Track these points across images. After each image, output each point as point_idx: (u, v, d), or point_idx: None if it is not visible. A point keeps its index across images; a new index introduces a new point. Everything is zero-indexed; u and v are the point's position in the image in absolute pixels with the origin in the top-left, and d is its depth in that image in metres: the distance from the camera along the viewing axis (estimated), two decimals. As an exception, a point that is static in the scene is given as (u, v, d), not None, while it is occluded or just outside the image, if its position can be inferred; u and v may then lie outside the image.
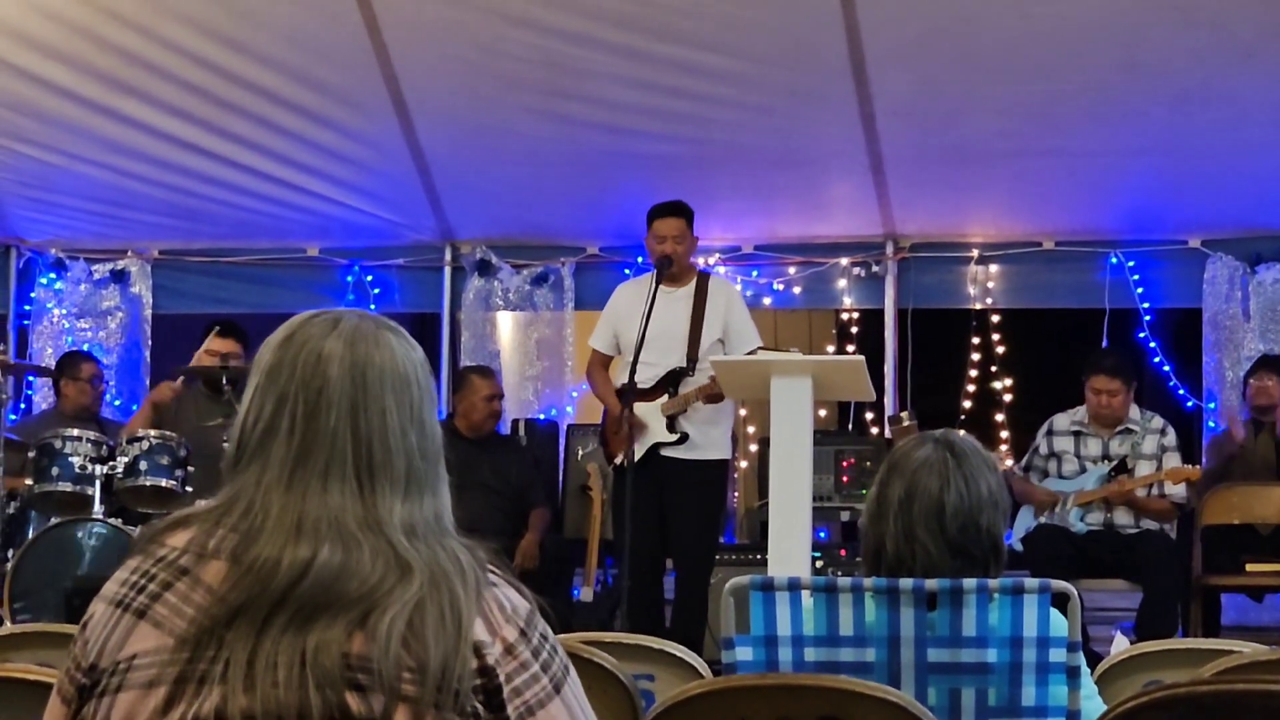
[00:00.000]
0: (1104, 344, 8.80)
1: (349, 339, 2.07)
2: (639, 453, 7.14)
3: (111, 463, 7.69)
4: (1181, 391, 8.98)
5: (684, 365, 7.26)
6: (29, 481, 7.76)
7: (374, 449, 2.03)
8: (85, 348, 9.37)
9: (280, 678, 1.92)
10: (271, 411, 2.04)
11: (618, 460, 7.24)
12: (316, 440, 2.02)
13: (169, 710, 1.93)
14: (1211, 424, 8.76)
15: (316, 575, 1.95)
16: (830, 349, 10.26)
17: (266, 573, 1.95)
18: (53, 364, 9.02)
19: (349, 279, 9.57)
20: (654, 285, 7.14)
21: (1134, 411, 7.91)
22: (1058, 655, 3.04)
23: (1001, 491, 3.20)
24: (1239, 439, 8.02)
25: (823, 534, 8.32)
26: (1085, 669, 3.12)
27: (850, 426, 9.52)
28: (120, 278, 9.72)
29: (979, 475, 3.15)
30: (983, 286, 9.11)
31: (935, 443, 3.20)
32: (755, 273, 9.26)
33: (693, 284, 7.39)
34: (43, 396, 9.55)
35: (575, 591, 8.22)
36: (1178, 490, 7.74)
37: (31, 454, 7.76)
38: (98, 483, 7.67)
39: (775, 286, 9.27)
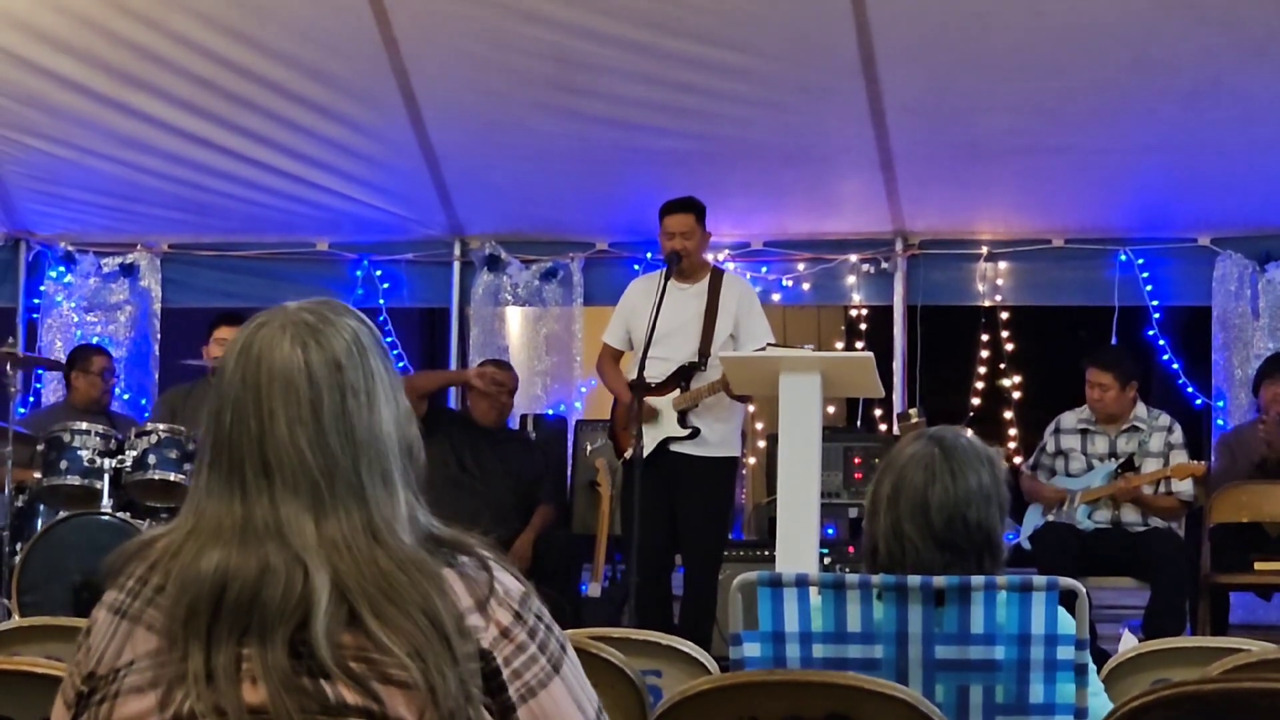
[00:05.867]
0: (1113, 341, 8.79)
1: (247, 341, 2.04)
2: (650, 446, 7.14)
3: (120, 456, 7.70)
4: (1190, 389, 8.96)
5: (696, 360, 7.27)
6: (37, 475, 7.77)
7: (266, 453, 1.99)
8: (95, 341, 9.37)
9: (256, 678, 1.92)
10: (206, 417, 2.06)
11: (628, 454, 7.24)
12: (221, 446, 2.02)
13: (165, 708, 1.94)
14: (1220, 422, 8.74)
15: (235, 584, 1.93)
16: (839, 345, 10.25)
17: (192, 581, 1.95)
18: (62, 358, 9.02)
19: (358, 274, 9.57)
20: (663, 281, 7.15)
21: (1141, 409, 7.90)
22: (1065, 653, 3.03)
23: (997, 485, 3.17)
24: (1263, 437, 7.84)
25: (831, 530, 8.31)
26: (1093, 667, 3.12)
27: (859, 423, 9.51)
28: (129, 271, 9.72)
29: (967, 468, 3.13)
30: (992, 283, 9.10)
31: (927, 439, 3.20)
32: (764, 269, 9.24)
33: (706, 280, 7.40)
34: (52, 390, 9.55)
35: (583, 587, 8.22)
36: (1185, 487, 7.74)
37: (40, 447, 7.76)
38: (106, 476, 7.68)
39: (784, 283, 9.26)
